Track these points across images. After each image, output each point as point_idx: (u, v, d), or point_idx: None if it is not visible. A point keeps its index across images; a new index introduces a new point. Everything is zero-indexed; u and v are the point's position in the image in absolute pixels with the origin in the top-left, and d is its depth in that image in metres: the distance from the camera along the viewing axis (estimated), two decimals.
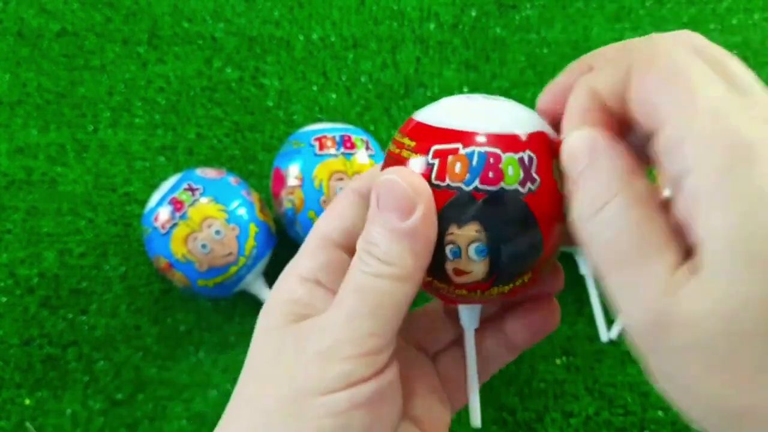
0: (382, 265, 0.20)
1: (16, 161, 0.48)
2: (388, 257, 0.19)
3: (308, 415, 0.19)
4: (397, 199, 0.19)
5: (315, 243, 0.23)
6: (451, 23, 0.53)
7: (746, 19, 0.53)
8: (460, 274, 0.21)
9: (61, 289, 0.45)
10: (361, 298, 0.20)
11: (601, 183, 0.18)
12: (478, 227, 0.20)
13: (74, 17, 0.52)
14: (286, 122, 0.50)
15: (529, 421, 0.43)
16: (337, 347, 0.19)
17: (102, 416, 0.43)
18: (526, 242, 0.20)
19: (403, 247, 0.19)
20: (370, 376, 0.19)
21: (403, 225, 0.19)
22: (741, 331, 0.14)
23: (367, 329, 0.19)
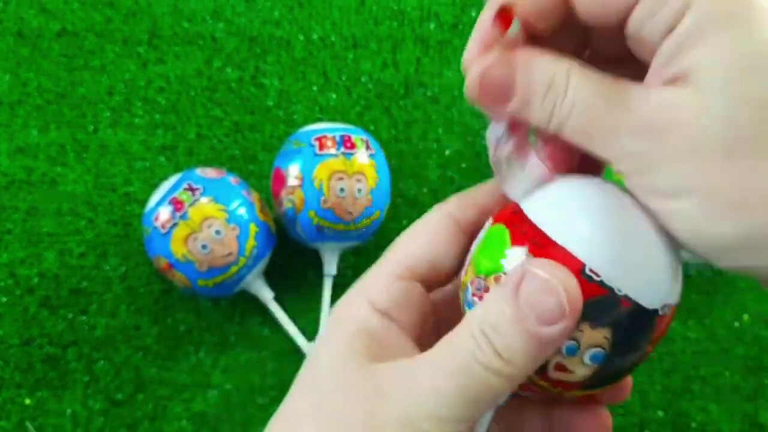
0: (497, 359, 0.18)
1: (16, 161, 0.48)
2: (508, 353, 0.17)
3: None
4: (546, 304, 0.17)
5: (393, 269, 0.21)
6: (451, 23, 0.53)
7: None
8: (561, 370, 0.19)
9: (61, 289, 0.45)
10: (463, 383, 0.18)
11: (546, 73, 0.18)
12: (608, 334, 0.18)
13: (74, 17, 0.52)
14: (286, 122, 0.50)
15: None
16: (420, 423, 0.18)
17: (102, 416, 0.43)
18: (637, 359, 0.19)
19: (528, 350, 0.17)
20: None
21: (539, 330, 0.17)
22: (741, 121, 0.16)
23: (459, 415, 0.18)
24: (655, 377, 0.43)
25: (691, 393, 0.43)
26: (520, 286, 0.17)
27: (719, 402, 0.42)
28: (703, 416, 0.42)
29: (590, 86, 0.18)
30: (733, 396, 0.42)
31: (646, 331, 0.19)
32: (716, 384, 0.43)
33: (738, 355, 0.44)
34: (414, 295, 0.21)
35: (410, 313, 0.21)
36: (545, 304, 0.17)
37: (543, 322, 0.17)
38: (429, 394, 0.18)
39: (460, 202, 0.22)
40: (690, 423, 0.42)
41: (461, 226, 0.22)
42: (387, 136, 0.49)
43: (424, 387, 0.18)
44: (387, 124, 0.50)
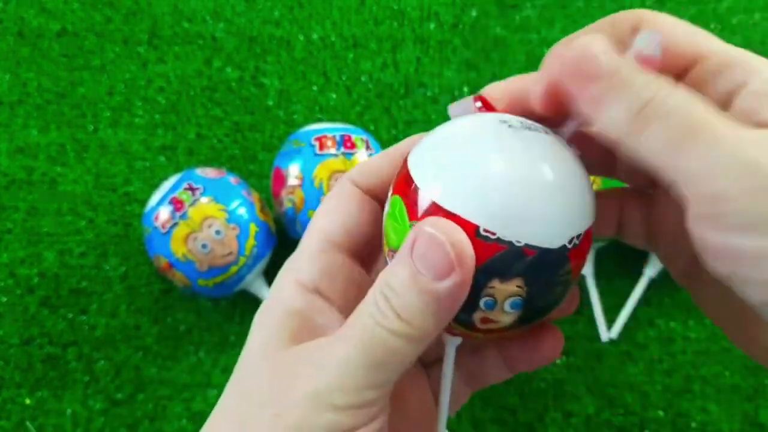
0: (398, 320, 0.18)
1: (16, 161, 0.48)
2: (407, 314, 0.18)
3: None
4: (436, 259, 0.17)
5: (315, 245, 0.21)
6: (451, 23, 0.53)
7: (747, 19, 0.53)
8: (486, 322, 0.19)
9: (61, 289, 0.45)
10: (366, 350, 0.18)
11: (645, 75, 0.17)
12: (521, 283, 0.18)
13: (74, 17, 0.52)
14: (287, 122, 0.50)
15: (529, 421, 0.43)
16: (329, 394, 0.18)
17: (102, 416, 0.43)
18: (560, 295, 0.19)
19: (426, 308, 0.18)
20: (358, 426, 0.18)
21: (432, 286, 0.17)
22: None
23: (366, 382, 0.18)
24: (656, 377, 0.43)
25: (691, 393, 0.43)
26: (412, 246, 0.18)
27: (719, 402, 0.42)
28: (704, 416, 0.42)
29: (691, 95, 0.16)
30: (734, 396, 0.42)
31: (559, 267, 0.19)
32: (716, 384, 0.43)
33: (738, 355, 0.44)
34: (340, 267, 0.21)
35: (338, 285, 0.21)
36: (434, 258, 0.17)
37: (436, 277, 0.17)
38: (336, 366, 0.18)
39: (362, 169, 0.22)
40: (690, 423, 0.42)
41: (367, 192, 0.22)
42: (387, 136, 0.49)
43: (332, 359, 0.18)
44: (387, 124, 0.50)
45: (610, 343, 0.44)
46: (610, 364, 0.44)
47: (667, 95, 0.16)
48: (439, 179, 0.19)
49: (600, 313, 0.44)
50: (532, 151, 0.19)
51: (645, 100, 0.16)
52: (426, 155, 0.20)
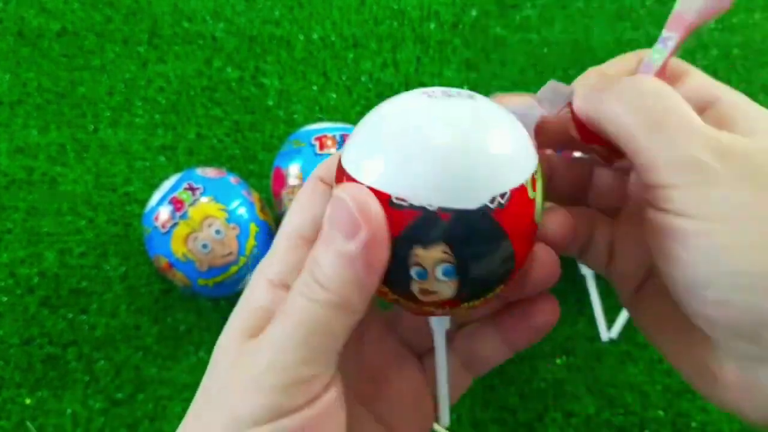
0: (320, 289, 0.18)
1: (16, 161, 0.48)
2: (328, 281, 0.18)
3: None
4: (343, 218, 0.18)
5: (284, 242, 0.21)
6: (451, 23, 0.53)
7: (747, 19, 0.53)
8: (427, 294, 0.19)
9: (62, 289, 0.45)
10: (293, 324, 0.18)
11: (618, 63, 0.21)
12: (445, 248, 0.18)
13: (74, 17, 0.52)
14: (287, 122, 0.50)
15: (529, 421, 0.43)
16: (265, 376, 0.18)
17: (102, 416, 0.43)
18: (497, 259, 0.19)
19: (344, 273, 0.18)
20: (301, 405, 0.18)
21: (345, 248, 0.18)
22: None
23: (297, 357, 0.18)
24: (656, 377, 0.43)
25: (691, 393, 0.43)
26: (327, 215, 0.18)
27: None
28: (704, 416, 0.42)
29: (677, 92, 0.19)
30: None
31: (486, 229, 0.18)
32: None
33: None
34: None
35: None
36: (341, 219, 0.18)
37: (346, 238, 0.18)
38: (268, 346, 0.18)
39: (327, 165, 0.22)
40: (690, 423, 0.42)
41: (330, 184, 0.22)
42: None
43: (266, 341, 0.18)
44: None
45: (611, 343, 0.44)
46: (610, 364, 0.44)
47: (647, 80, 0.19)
48: (355, 157, 0.19)
49: (600, 313, 0.44)
50: (446, 116, 0.19)
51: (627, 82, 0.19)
52: (351, 140, 0.20)
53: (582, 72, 0.23)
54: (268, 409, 0.17)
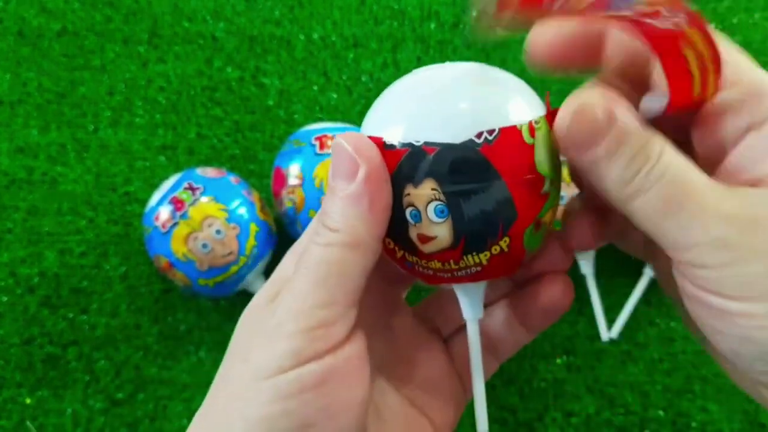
0: (329, 232, 0.19)
1: (16, 161, 0.48)
2: (336, 223, 0.19)
3: (257, 400, 0.18)
4: (343, 163, 0.19)
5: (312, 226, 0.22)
6: (451, 22, 0.53)
7: (747, 19, 0.53)
8: (425, 240, 0.19)
9: (62, 289, 0.45)
10: (308, 269, 0.19)
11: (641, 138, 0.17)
12: (434, 185, 0.18)
13: (74, 17, 0.52)
14: (287, 122, 0.50)
15: (529, 421, 0.43)
16: (284, 323, 0.18)
17: (102, 416, 0.43)
18: (490, 199, 0.19)
19: (350, 211, 0.19)
20: (323, 352, 0.18)
21: (348, 190, 0.19)
22: None
23: (315, 301, 0.18)
24: (656, 377, 0.43)
25: (691, 393, 0.43)
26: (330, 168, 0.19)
27: (720, 402, 0.42)
28: (704, 416, 0.42)
29: (683, 163, 0.17)
30: (734, 396, 0.42)
31: (472, 165, 0.18)
32: (717, 384, 0.43)
33: None
34: None
35: None
36: (342, 162, 0.19)
37: (347, 179, 0.19)
38: (286, 296, 0.19)
39: None
40: (690, 423, 0.42)
41: None
42: None
43: (284, 294, 0.19)
44: None
45: (611, 343, 0.44)
46: (611, 363, 0.44)
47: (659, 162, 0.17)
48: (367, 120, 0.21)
49: (600, 312, 0.44)
50: (444, 70, 0.20)
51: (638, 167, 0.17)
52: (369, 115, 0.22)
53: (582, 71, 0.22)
54: (291, 355, 0.18)
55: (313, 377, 0.18)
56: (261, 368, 0.18)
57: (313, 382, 0.18)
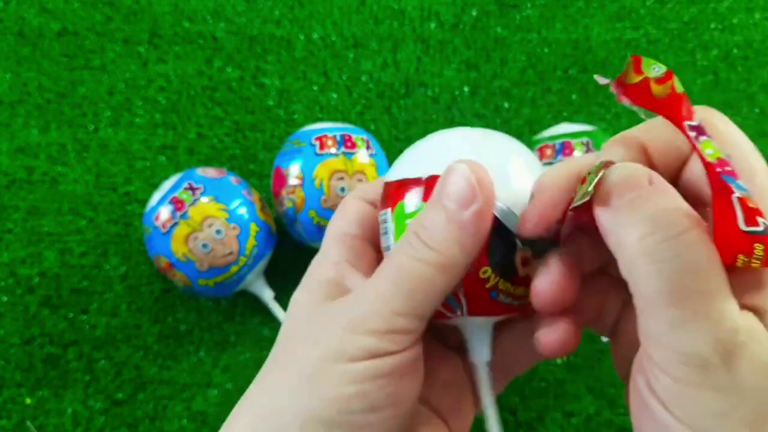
0: (426, 249, 0.20)
1: (16, 161, 0.48)
2: (435, 243, 0.20)
3: (332, 381, 0.19)
4: (459, 189, 0.20)
5: (335, 238, 0.24)
6: (451, 22, 0.53)
7: (747, 19, 0.53)
8: (526, 263, 0.21)
9: (62, 289, 0.45)
10: (397, 278, 0.20)
11: (677, 208, 0.17)
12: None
13: (75, 17, 0.52)
14: (287, 122, 0.50)
15: (529, 421, 0.43)
16: (365, 320, 0.19)
17: (103, 415, 0.43)
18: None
19: (452, 235, 0.19)
20: (393, 350, 0.19)
21: (458, 215, 0.19)
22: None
23: (398, 308, 0.19)
24: None
25: None
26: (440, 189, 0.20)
27: None
28: None
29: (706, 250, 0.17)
30: None
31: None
32: None
33: None
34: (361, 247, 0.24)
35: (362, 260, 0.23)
36: (457, 187, 0.20)
37: (460, 206, 0.19)
38: (371, 295, 0.20)
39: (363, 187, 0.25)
40: None
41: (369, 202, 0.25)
42: (387, 136, 0.49)
43: (367, 292, 0.20)
44: (388, 124, 0.50)
45: None
46: (610, 364, 0.44)
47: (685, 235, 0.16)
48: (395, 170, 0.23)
49: None
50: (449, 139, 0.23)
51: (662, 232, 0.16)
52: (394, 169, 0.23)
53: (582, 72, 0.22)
54: (364, 349, 0.19)
55: (383, 370, 0.19)
56: (335, 354, 0.19)
57: (382, 373, 0.19)
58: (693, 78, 0.51)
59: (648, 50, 0.52)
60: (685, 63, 0.52)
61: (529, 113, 0.50)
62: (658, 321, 0.16)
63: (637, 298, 0.17)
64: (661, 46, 0.52)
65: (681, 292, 0.16)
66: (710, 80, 0.51)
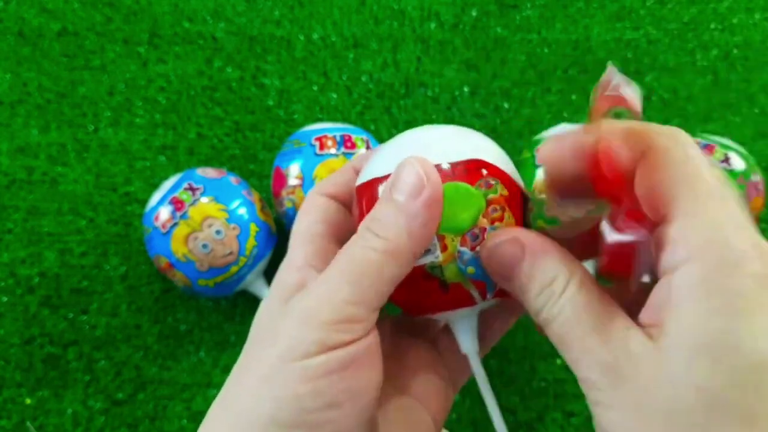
0: (376, 238, 0.20)
1: (17, 161, 0.48)
2: (385, 232, 0.20)
3: (287, 381, 0.19)
4: (409, 180, 0.20)
5: (299, 239, 0.24)
6: (451, 23, 0.53)
7: (747, 19, 0.53)
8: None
9: (62, 289, 0.45)
10: (345, 267, 0.20)
11: (551, 271, 0.19)
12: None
13: (75, 17, 0.52)
14: (287, 122, 0.50)
15: (529, 421, 0.43)
16: (315, 313, 0.20)
17: (103, 415, 0.43)
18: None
19: (402, 224, 0.20)
20: (346, 342, 0.19)
21: (406, 204, 0.20)
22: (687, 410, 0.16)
23: (347, 297, 0.20)
24: None
25: None
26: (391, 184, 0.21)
27: None
28: None
29: (583, 300, 0.19)
30: None
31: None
32: None
33: None
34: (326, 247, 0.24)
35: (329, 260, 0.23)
36: (408, 178, 0.21)
37: (409, 197, 0.20)
38: (322, 285, 0.20)
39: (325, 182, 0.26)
40: None
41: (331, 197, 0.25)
42: (387, 136, 0.49)
43: (319, 283, 0.20)
44: (388, 124, 0.50)
45: None
46: None
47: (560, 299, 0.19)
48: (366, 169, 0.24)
49: None
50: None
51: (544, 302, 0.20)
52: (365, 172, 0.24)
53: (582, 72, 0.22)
54: (318, 343, 0.19)
55: (339, 362, 0.19)
56: (290, 351, 0.19)
57: (339, 365, 0.19)
58: (693, 78, 0.51)
59: (648, 50, 0.52)
60: (685, 63, 0.52)
61: (529, 113, 0.50)
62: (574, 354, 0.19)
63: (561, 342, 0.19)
64: (661, 46, 0.52)
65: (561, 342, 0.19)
66: (710, 80, 0.51)
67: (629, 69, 0.51)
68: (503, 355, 0.44)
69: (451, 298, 0.22)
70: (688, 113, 0.50)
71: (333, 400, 0.19)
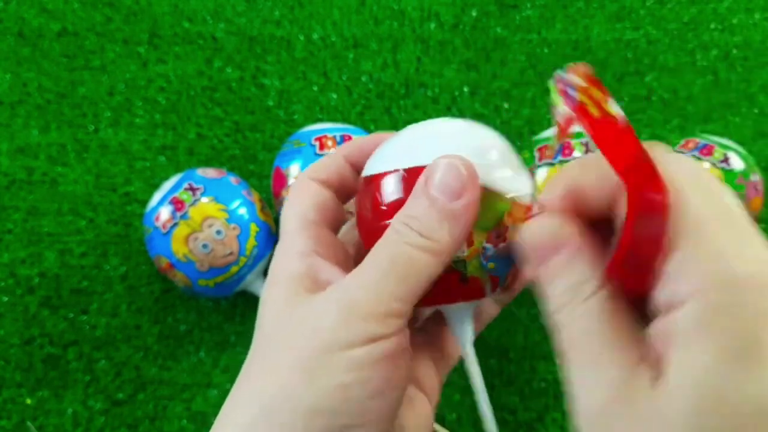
0: (419, 237, 0.21)
1: (16, 161, 0.48)
2: (427, 232, 0.21)
3: (331, 370, 0.19)
4: (453, 182, 0.21)
5: (296, 224, 0.24)
6: (451, 23, 0.53)
7: (747, 19, 0.53)
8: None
9: (62, 289, 0.45)
10: (392, 264, 0.21)
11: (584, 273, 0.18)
12: None
13: (75, 17, 0.52)
14: (287, 122, 0.50)
15: (529, 421, 0.43)
16: (362, 306, 0.20)
17: (103, 416, 0.43)
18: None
19: (443, 225, 0.21)
20: (387, 334, 0.20)
21: (449, 205, 0.21)
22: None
23: (393, 293, 0.20)
24: None
25: None
26: (427, 181, 0.21)
27: None
28: None
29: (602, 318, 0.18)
30: None
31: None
32: None
33: None
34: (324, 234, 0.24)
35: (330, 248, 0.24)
36: (452, 179, 0.21)
37: (451, 198, 0.21)
38: (366, 281, 0.21)
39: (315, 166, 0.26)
40: None
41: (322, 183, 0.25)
42: None
43: (361, 281, 0.21)
44: (387, 124, 0.50)
45: None
46: None
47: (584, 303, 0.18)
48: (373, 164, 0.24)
49: None
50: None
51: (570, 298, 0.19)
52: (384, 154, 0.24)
53: None
54: (362, 335, 0.20)
55: (383, 353, 0.20)
56: (334, 342, 0.20)
57: (383, 356, 0.20)
58: (693, 78, 0.51)
59: (648, 50, 0.52)
60: (684, 63, 0.52)
61: (529, 113, 0.50)
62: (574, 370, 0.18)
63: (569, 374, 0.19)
64: (661, 46, 0.52)
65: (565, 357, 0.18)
66: (710, 80, 0.51)
67: (629, 69, 0.51)
68: (503, 355, 0.44)
69: (466, 291, 0.23)
70: (688, 113, 0.50)
71: (377, 389, 0.20)
